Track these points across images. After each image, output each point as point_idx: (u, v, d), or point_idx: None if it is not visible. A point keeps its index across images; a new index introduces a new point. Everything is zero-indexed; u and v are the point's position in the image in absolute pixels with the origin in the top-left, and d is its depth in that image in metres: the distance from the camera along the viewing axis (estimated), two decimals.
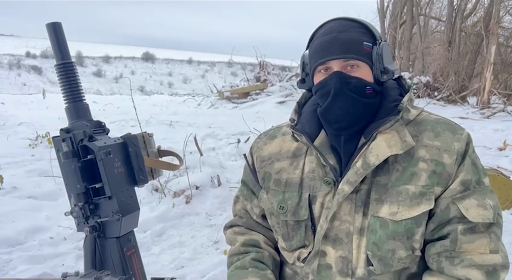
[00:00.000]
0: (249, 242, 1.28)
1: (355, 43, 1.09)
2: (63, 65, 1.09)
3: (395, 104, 1.12)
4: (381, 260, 1.08)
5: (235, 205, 1.37)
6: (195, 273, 2.66)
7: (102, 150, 1.03)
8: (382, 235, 1.07)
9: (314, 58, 1.13)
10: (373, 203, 1.08)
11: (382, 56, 1.11)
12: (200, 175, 4.20)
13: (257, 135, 6.28)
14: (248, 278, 1.19)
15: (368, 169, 1.07)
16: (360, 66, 1.09)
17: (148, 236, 3.28)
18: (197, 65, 73.09)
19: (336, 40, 1.09)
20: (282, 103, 10.89)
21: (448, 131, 1.11)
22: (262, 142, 1.30)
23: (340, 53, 1.08)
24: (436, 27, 17.43)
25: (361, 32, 1.11)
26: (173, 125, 7.87)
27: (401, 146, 1.07)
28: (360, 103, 1.09)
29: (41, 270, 2.69)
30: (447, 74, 11.91)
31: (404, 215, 1.05)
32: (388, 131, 1.09)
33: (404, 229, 1.06)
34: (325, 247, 1.14)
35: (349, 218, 1.10)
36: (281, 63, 16.63)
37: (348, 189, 1.08)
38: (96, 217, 1.07)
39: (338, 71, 1.09)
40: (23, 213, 3.61)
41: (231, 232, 1.34)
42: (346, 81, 1.08)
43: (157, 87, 49.48)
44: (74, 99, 1.10)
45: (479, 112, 10.59)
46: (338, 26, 1.12)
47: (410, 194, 1.06)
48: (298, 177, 1.18)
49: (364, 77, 1.10)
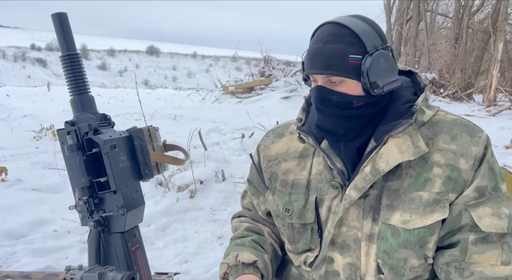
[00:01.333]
0: (253, 229, 1.27)
1: (339, 58, 1.00)
2: (68, 57, 1.06)
3: (409, 105, 1.05)
4: (392, 268, 1.04)
5: (243, 200, 1.36)
6: (199, 268, 2.65)
7: (107, 144, 1.01)
8: (394, 244, 1.02)
9: (305, 64, 1.09)
10: (384, 210, 1.04)
11: (369, 70, 1.00)
12: (205, 169, 4.19)
13: (261, 130, 6.29)
14: (243, 251, 1.17)
15: (377, 175, 1.02)
16: (345, 80, 1.02)
17: (152, 230, 3.27)
18: (202, 59, 73.02)
19: (320, 53, 1.02)
20: (287, 98, 10.85)
21: (466, 133, 1.04)
22: (270, 140, 1.26)
23: (321, 69, 1.02)
24: (443, 24, 17.30)
25: (349, 42, 1.01)
26: (177, 119, 7.87)
27: (413, 152, 1.00)
28: (345, 116, 1.04)
29: (44, 263, 2.69)
30: (453, 71, 11.83)
31: (416, 224, 1.00)
32: (400, 135, 1.03)
33: (416, 238, 1.01)
34: (332, 254, 1.10)
35: (357, 224, 1.06)
36: (286, 58, 16.57)
37: (355, 195, 1.04)
38: (101, 212, 1.05)
39: (320, 86, 1.04)
40: (27, 206, 3.61)
41: (237, 221, 1.34)
42: (326, 97, 1.03)
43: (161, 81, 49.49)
44: (80, 91, 1.08)
45: (485, 109, 10.52)
46: (326, 35, 1.03)
47: (424, 201, 1.00)
48: (305, 178, 1.15)
49: (349, 92, 1.03)
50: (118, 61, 62.69)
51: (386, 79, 1.02)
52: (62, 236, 3.16)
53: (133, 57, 67.02)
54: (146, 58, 68.03)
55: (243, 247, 1.19)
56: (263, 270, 1.16)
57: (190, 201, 3.81)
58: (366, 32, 1.02)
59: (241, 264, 1.16)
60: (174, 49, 75.75)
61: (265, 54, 13.38)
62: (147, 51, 70.14)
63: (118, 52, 67.01)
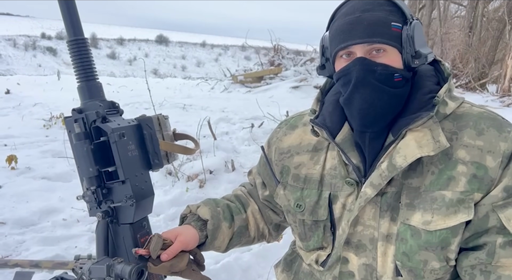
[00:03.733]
0: (241, 198, 1.28)
1: (382, 24, 0.95)
2: (75, 42, 1.02)
3: (431, 96, 0.99)
4: (411, 271, 0.99)
5: (248, 175, 1.37)
6: (209, 258, 2.61)
7: (116, 132, 0.97)
8: (414, 245, 0.96)
9: (334, 41, 1.00)
10: (404, 209, 0.97)
11: (414, 38, 0.96)
12: (214, 159, 4.17)
13: (271, 120, 6.23)
14: (206, 207, 1.19)
15: (394, 171, 0.95)
16: (387, 50, 0.96)
17: (162, 220, 3.26)
18: (211, 48, 72.80)
19: (360, 21, 0.95)
20: (296, 88, 10.76)
21: (493, 128, 0.96)
22: (282, 132, 1.20)
23: (364, 37, 0.95)
24: (456, 12, 17.00)
25: (388, 10, 0.97)
26: (187, 109, 7.84)
27: (433, 147, 0.93)
28: (386, 93, 0.96)
29: (54, 251, 2.70)
30: (466, 60, 11.63)
31: (439, 225, 0.94)
32: (420, 128, 0.95)
33: (438, 240, 0.95)
34: (347, 254, 1.05)
35: (374, 223, 1.00)
36: (296, 47, 16.38)
37: (371, 193, 0.98)
38: (109, 202, 1.02)
39: (362, 57, 0.96)
40: (37, 194, 3.63)
41: (238, 187, 1.37)
42: (370, 68, 0.95)
43: (170, 70, 49.46)
44: (87, 78, 1.04)
45: (499, 100, 10.33)
46: (362, 4, 0.97)
47: (447, 201, 0.93)
48: (318, 173, 1.09)
49: (392, 63, 0.96)
50: (127, 50, 62.80)
51: (426, 49, 0.99)
52: (71, 225, 3.17)
53: (142, 46, 67.09)
54: (155, 47, 68.05)
55: (212, 204, 1.21)
56: (210, 232, 1.15)
57: (200, 190, 3.80)
58: (401, 2, 1.00)
59: (196, 215, 1.18)
60: (183, 38, 75.64)
61: (274, 43, 13.25)
62: (157, 40, 70.12)
63: (128, 41, 67.08)
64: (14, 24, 66.15)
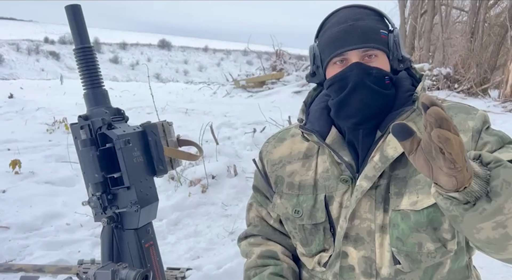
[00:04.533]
0: (266, 254, 1.21)
1: (373, 31, 1.05)
2: (82, 50, 1.04)
3: (409, 94, 1.08)
4: (408, 255, 1.02)
5: (248, 213, 1.31)
6: (211, 264, 2.64)
7: (121, 139, 0.99)
8: (405, 228, 1.00)
9: (328, 49, 1.07)
10: (393, 198, 1.03)
11: (399, 44, 1.07)
12: (216, 164, 4.17)
13: (273, 124, 6.23)
14: None
15: (386, 162, 1.02)
16: (379, 55, 1.05)
17: (164, 224, 3.27)
18: (213, 53, 73.00)
19: (354, 29, 1.04)
20: (298, 93, 10.77)
21: (461, 113, 1.06)
22: (271, 145, 1.25)
23: (359, 43, 1.03)
24: (458, 18, 17.02)
25: (376, 19, 1.09)
26: (189, 113, 7.87)
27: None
28: (380, 95, 1.04)
29: (57, 256, 2.71)
30: (468, 66, 11.62)
31: (425, 203, 0.99)
32: (405, 122, 1.01)
33: (427, 219, 0.99)
34: (346, 248, 1.08)
35: (370, 216, 1.04)
36: (298, 52, 16.43)
37: (366, 185, 1.03)
38: (114, 208, 1.03)
39: (358, 62, 1.04)
40: (40, 199, 3.64)
41: (246, 244, 1.27)
42: (367, 72, 1.03)
43: (172, 75, 49.63)
44: (93, 85, 1.05)
45: (501, 105, 10.33)
46: (353, 14, 1.07)
47: (428, 180, 0.97)
48: (311, 178, 1.13)
49: (383, 67, 1.06)
50: (130, 55, 63.02)
51: (407, 55, 1.11)
52: (74, 230, 3.18)
53: (145, 50, 67.31)
54: (158, 52, 68.26)
55: None
56: None
57: (202, 195, 3.81)
58: (384, 13, 1.11)
59: None
60: (186, 43, 75.88)
61: (276, 48, 13.29)
62: (159, 44, 70.36)
63: (130, 46, 67.34)
64: (17, 28, 66.50)
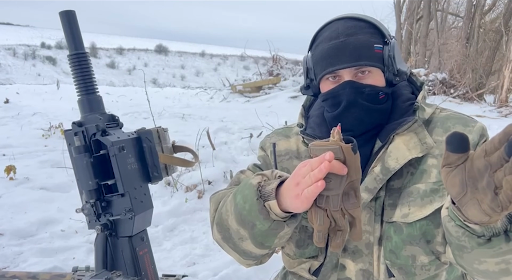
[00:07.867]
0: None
1: (366, 47, 1.00)
2: (76, 56, 1.03)
3: (410, 103, 1.06)
4: (401, 268, 1.00)
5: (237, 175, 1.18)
6: (207, 270, 2.62)
7: (115, 145, 0.98)
8: (398, 241, 0.99)
9: (321, 65, 1.04)
10: (387, 209, 1.01)
11: (394, 58, 1.02)
12: (213, 169, 4.16)
13: (269, 130, 6.22)
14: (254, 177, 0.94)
15: (388, 174, 0.99)
16: (372, 71, 1.02)
17: (160, 231, 3.25)
18: (210, 58, 73.07)
19: (345, 46, 0.99)
20: (295, 98, 10.78)
21: (459, 124, 1.03)
22: (275, 138, 1.21)
23: (351, 61, 0.99)
24: (453, 23, 17.13)
25: (370, 33, 1.03)
26: (185, 118, 7.85)
27: (421, 149, 0.99)
28: (374, 110, 1.03)
29: (51, 263, 2.68)
30: (464, 71, 11.68)
31: (416, 216, 0.98)
32: (406, 132, 1.02)
33: (419, 232, 0.98)
34: (344, 260, 1.06)
35: (369, 228, 1.02)
36: (294, 57, 16.48)
37: (367, 197, 1.00)
38: (108, 215, 1.02)
39: (350, 80, 1.01)
40: (35, 205, 3.61)
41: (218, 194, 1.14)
42: (359, 91, 1.01)
43: (169, 80, 49.62)
44: (87, 91, 1.05)
45: (497, 110, 10.37)
46: (345, 28, 1.02)
47: (421, 192, 0.98)
48: None
49: (376, 83, 1.03)
50: (127, 60, 62.98)
51: (404, 66, 1.07)
52: (69, 236, 3.15)
53: (141, 55, 67.30)
54: (155, 57, 68.26)
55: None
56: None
57: (199, 201, 3.79)
58: (379, 23, 1.06)
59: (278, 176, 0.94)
60: (183, 48, 75.90)
61: (273, 53, 13.32)
62: (156, 49, 70.35)
63: (127, 51, 67.32)
64: (14, 33, 66.41)
